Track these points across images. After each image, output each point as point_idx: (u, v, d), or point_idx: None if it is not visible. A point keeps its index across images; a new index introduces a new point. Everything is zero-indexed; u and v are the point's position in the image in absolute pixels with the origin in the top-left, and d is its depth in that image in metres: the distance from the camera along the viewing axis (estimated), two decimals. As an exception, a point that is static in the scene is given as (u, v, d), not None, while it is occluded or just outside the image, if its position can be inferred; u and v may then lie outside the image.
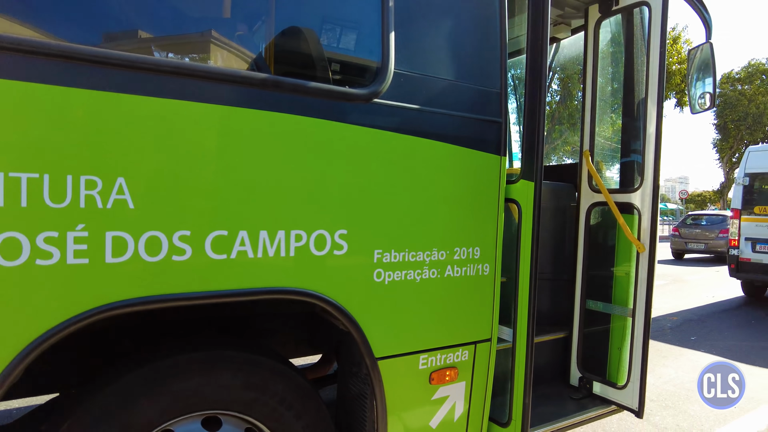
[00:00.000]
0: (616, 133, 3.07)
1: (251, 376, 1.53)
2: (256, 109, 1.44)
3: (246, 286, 1.43)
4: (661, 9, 2.45)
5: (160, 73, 1.31)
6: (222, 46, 1.91)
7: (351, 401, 1.93)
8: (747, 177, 8.31)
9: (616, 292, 2.80)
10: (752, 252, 8.06)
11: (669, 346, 5.70)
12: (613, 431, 3.46)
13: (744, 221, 8.21)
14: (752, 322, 7.13)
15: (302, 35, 1.78)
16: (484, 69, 1.93)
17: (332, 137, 1.57)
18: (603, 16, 2.84)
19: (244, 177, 1.42)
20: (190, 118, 1.34)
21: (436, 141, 1.79)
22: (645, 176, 2.56)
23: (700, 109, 2.85)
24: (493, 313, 2.00)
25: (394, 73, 1.68)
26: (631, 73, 2.85)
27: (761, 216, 8.04)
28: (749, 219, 8.16)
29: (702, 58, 2.75)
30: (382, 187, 1.68)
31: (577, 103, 4.86)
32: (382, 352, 1.70)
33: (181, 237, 1.32)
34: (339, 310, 1.59)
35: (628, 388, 2.62)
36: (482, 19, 1.93)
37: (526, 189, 2.05)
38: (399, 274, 1.72)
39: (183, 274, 1.33)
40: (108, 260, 1.23)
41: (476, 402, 2.00)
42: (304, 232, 1.53)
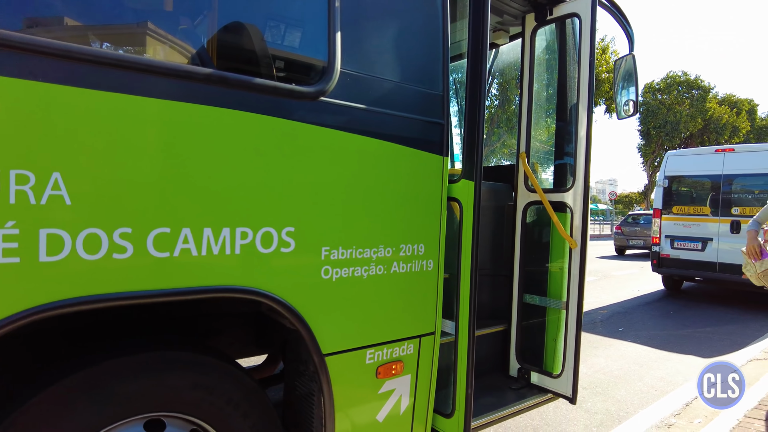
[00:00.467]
0: (551, 137, 3.25)
1: (198, 377, 1.50)
2: (200, 104, 1.41)
3: (190, 284, 1.40)
4: (590, 20, 2.62)
5: (98, 65, 1.26)
6: (160, 39, 1.86)
7: (298, 400, 1.93)
8: (666, 179, 8.99)
9: (550, 286, 2.96)
10: (671, 248, 8.73)
11: (599, 337, 6.07)
12: (550, 418, 3.65)
13: (664, 220, 8.88)
14: (671, 313, 7.72)
15: (249, 31, 1.77)
16: (427, 72, 2.00)
17: (278, 134, 1.57)
18: (539, 25, 3.00)
19: (187, 173, 1.39)
20: (132, 112, 1.30)
21: (381, 140, 1.83)
22: (577, 177, 2.73)
23: (625, 115, 3.07)
24: (437, 307, 2.06)
25: (341, 73, 1.70)
26: (564, 79, 3.03)
27: (679, 215, 8.73)
28: (669, 218, 8.84)
29: (626, 68, 2.96)
30: (329, 185, 1.69)
31: (514, 107, 5.08)
32: (329, 348, 1.71)
33: (122, 234, 1.28)
34: (286, 308, 1.59)
35: (562, 377, 2.77)
36: (426, 24, 1.99)
37: (467, 188, 2.13)
38: (346, 270, 1.74)
39: (124, 272, 1.29)
40: (42, 259, 1.17)
41: (421, 394, 2.06)
42: (250, 230, 1.52)
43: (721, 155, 8.38)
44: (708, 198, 8.45)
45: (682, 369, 4.89)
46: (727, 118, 35.22)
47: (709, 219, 8.31)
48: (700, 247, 8.33)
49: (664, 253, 8.81)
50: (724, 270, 8.02)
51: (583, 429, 3.50)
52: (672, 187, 9.00)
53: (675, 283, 9.61)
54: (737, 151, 8.33)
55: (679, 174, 8.94)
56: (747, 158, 8.12)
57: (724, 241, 8.06)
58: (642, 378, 4.62)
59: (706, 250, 8.26)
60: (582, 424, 3.57)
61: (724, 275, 8.03)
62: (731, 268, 7.84)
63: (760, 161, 7.90)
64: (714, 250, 8.16)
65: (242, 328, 2.28)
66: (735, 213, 8.03)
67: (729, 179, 8.20)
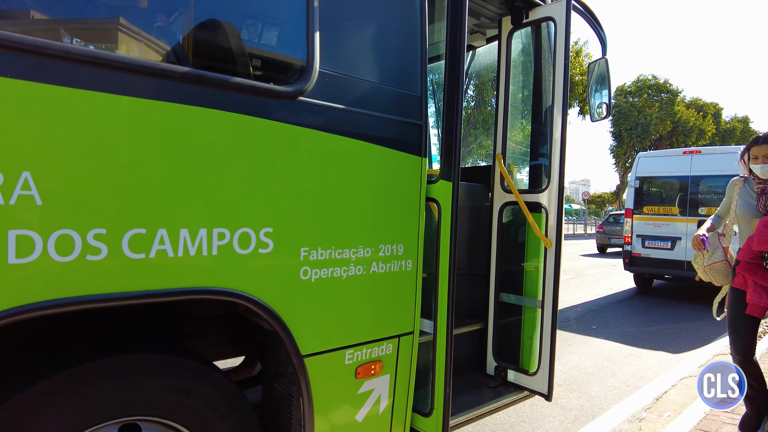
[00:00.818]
0: (526, 138, 3.30)
1: (174, 380, 1.47)
2: (177, 103, 1.39)
3: (166, 286, 1.38)
4: (565, 24, 2.67)
5: (69, 61, 1.22)
6: (133, 35, 1.82)
7: (277, 401, 1.92)
8: (638, 180, 9.23)
9: (526, 285, 3.01)
10: (642, 247, 8.97)
11: (573, 335, 6.19)
12: (526, 415, 3.71)
13: (636, 220, 9.11)
14: (642, 310, 7.93)
15: (227, 29, 1.75)
16: (405, 73, 2.01)
17: (257, 134, 1.56)
18: (515, 28, 3.04)
19: (164, 173, 1.37)
20: (106, 110, 1.27)
21: (360, 141, 1.83)
22: (551, 178, 2.78)
23: (599, 117, 3.14)
24: (415, 306, 2.07)
25: (320, 73, 1.70)
26: (540, 82, 3.08)
27: (650, 215, 8.97)
28: (640, 218, 9.07)
29: (599, 71, 3.03)
30: (308, 185, 1.69)
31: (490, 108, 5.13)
32: (308, 349, 1.71)
33: (96, 235, 1.25)
34: (265, 309, 1.58)
35: (538, 374, 2.82)
36: (404, 25, 2.00)
37: (445, 189, 2.14)
38: (326, 271, 1.74)
39: (98, 274, 1.26)
40: (12, 261, 1.14)
41: (400, 394, 2.07)
42: (228, 231, 1.50)
43: (689, 157, 8.65)
44: (677, 198, 8.71)
45: (652, 365, 5.03)
46: (694, 121, 36.37)
47: (678, 219, 8.56)
48: (670, 246, 8.58)
49: (635, 252, 9.04)
50: (692, 268, 8.22)
51: (558, 425, 3.56)
52: (643, 187, 9.24)
53: (646, 281, 9.86)
54: (704, 153, 8.61)
55: (649, 175, 9.20)
56: (712, 160, 8.40)
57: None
58: (615, 374, 4.73)
59: (675, 249, 8.51)
60: (557, 421, 3.63)
61: (692, 273, 8.24)
62: None
63: (724, 163, 8.15)
64: (683, 249, 8.40)
65: (219, 329, 2.25)
66: (702, 213, 8.29)
67: (696, 180, 8.48)
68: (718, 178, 8.24)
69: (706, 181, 8.43)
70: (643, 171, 9.19)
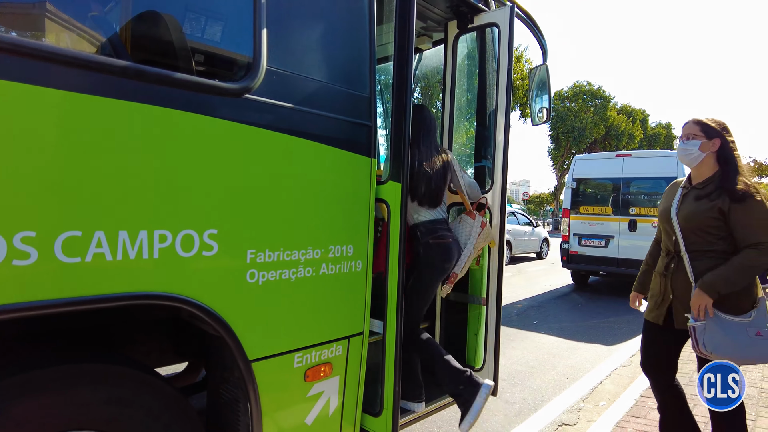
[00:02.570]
0: (471, 140, 3.38)
1: (112, 390, 1.39)
2: (115, 98, 1.32)
3: (104, 291, 1.30)
4: (508, 31, 2.76)
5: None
6: (63, 23, 1.71)
7: (223, 407, 1.86)
8: (574, 181, 9.70)
9: (471, 283, 3.09)
10: (579, 246, 9.43)
11: (516, 330, 6.41)
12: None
13: (573, 219, 9.57)
14: (579, 305, 8.34)
15: (168, 22, 1.67)
16: (354, 73, 2.00)
17: (200, 132, 1.50)
18: (460, 32, 3.11)
19: (100, 172, 1.29)
20: (36, 104, 1.19)
21: (309, 141, 1.80)
22: (495, 179, 2.86)
23: (539, 121, 3.27)
24: (365, 307, 2.07)
25: (267, 70, 1.66)
26: (484, 85, 3.16)
27: (585, 215, 9.45)
28: (577, 218, 9.54)
29: (539, 77, 3.15)
30: (254, 186, 1.65)
31: (436, 111, 5.22)
32: (256, 354, 1.66)
33: (24, 239, 1.16)
34: (209, 314, 1.52)
35: (484, 370, 2.90)
36: (353, 26, 2.00)
37: (394, 189, 2.16)
38: (273, 273, 1.70)
39: (27, 280, 1.17)
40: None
41: (350, 395, 2.06)
42: (169, 232, 1.44)
43: (621, 160, 9.21)
44: (610, 199, 9.24)
45: (589, 357, 5.30)
46: (625, 125, 38.68)
47: (611, 218, 9.09)
48: (604, 244, 9.09)
49: (572, 250, 9.49)
50: (623, 265, 8.84)
51: (503, 418, 3.68)
52: (579, 188, 9.72)
53: (582, 277, 10.39)
54: (634, 157, 9.21)
55: (585, 176, 9.69)
56: (642, 163, 9.00)
57: (624, 238, 8.88)
58: (555, 367, 4.94)
59: (608, 247, 9.03)
60: (502, 414, 3.75)
61: (623, 269, 8.85)
62: (629, 262, 8.68)
63: (651, 166, 8.81)
64: (615, 247, 8.94)
65: (161, 335, 2.15)
66: (632, 213, 8.86)
67: (627, 182, 9.03)
68: (646, 180, 8.86)
69: (636, 183, 9.01)
70: (580, 173, 9.67)
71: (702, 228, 2.27)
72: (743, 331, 2.19)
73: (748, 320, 2.20)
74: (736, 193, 2.17)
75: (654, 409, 3.61)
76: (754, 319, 2.20)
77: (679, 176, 8.49)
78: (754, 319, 2.20)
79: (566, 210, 9.72)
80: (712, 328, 2.22)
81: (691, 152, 2.32)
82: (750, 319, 2.20)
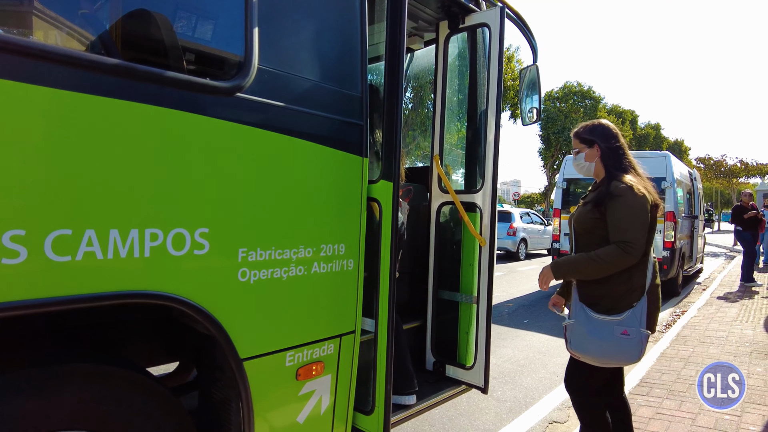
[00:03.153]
0: (462, 140, 3.40)
1: (103, 389, 1.39)
2: (106, 96, 1.31)
3: (94, 290, 1.29)
4: (499, 31, 2.78)
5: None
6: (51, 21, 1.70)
7: (215, 407, 1.86)
8: (565, 182, 9.78)
9: (463, 282, 3.10)
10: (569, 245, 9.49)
11: (507, 329, 6.45)
12: (463, 408, 3.82)
13: (563, 219, 9.64)
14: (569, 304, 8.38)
15: (159, 21, 1.67)
16: (346, 72, 2.01)
17: (192, 130, 1.50)
18: (451, 33, 3.12)
19: (90, 170, 1.29)
20: (24, 102, 1.18)
21: (301, 140, 1.81)
22: (485, 179, 2.88)
23: (530, 122, 3.29)
24: (357, 306, 2.08)
25: (258, 69, 1.66)
26: (475, 85, 3.18)
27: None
28: (567, 217, 9.60)
29: (530, 77, 3.17)
30: (246, 184, 1.65)
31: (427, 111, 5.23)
32: (247, 352, 1.66)
33: (13, 237, 1.15)
34: (201, 312, 1.52)
35: (475, 368, 2.92)
36: (345, 25, 2.00)
37: (386, 189, 2.16)
38: (265, 272, 1.70)
39: (16, 279, 1.16)
40: None
41: (341, 394, 2.06)
42: (161, 231, 1.43)
43: None
44: (599, 199, 9.31)
45: (578, 355, 5.34)
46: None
47: (601, 218, 9.16)
48: (593, 243, 9.15)
49: (563, 250, 9.56)
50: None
51: (494, 417, 3.70)
52: (570, 188, 9.80)
53: (572, 276, 10.44)
54: None
55: (575, 177, 9.76)
56: None
57: (613, 237, 8.92)
58: (545, 365, 4.98)
59: (598, 246, 9.09)
60: (493, 412, 3.78)
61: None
62: None
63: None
64: (605, 246, 9.00)
65: (152, 335, 2.14)
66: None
67: (617, 182, 9.11)
68: None
69: (625, 183, 9.09)
70: (570, 173, 9.74)
71: (587, 229, 2.28)
72: (610, 330, 2.15)
73: (617, 319, 2.15)
74: (611, 193, 2.17)
75: (642, 406, 3.66)
76: (625, 319, 2.15)
77: (668, 177, 8.67)
78: (625, 319, 2.15)
79: (557, 210, 9.79)
80: (578, 328, 2.22)
81: (581, 165, 2.39)
82: (620, 318, 2.15)
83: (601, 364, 2.24)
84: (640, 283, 2.19)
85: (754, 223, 9.88)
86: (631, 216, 2.12)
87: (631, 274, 2.18)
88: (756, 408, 3.59)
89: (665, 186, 8.60)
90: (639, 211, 2.13)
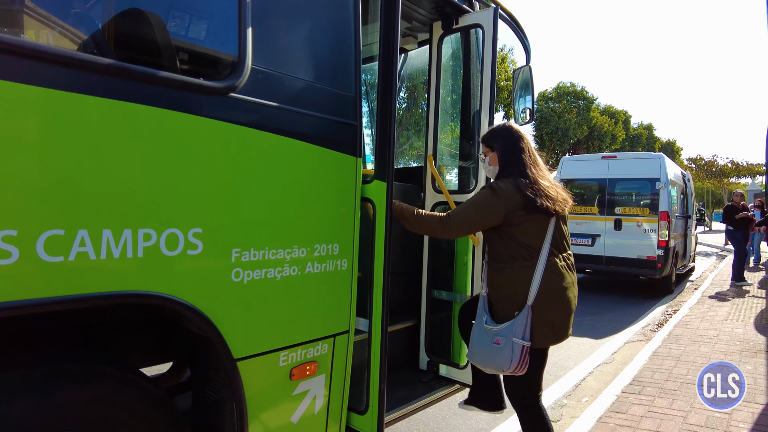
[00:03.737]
0: (455, 140, 3.41)
1: (96, 390, 1.38)
2: (99, 96, 1.31)
3: (87, 291, 1.29)
4: (492, 32, 2.79)
5: None
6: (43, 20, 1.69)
7: (209, 407, 1.85)
8: (562, 182, 9.83)
9: (456, 281, 3.12)
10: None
11: (501, 329, 6.46)
12: (457, 407, 3.82)
13: (558, 219, 9.70)
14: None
15: (152, 20, 1.66)
16: (340, 72, 2.01)
17: (185, 130, 1.50)
18: (445, 33, 3.13)
19: (83, 170, 1.29)
20: (17, 102, 1.17)
21: (294, 140, 1.81)
22: (479, 179, 2.89)
23: (523, 122, 3.30)
24: (351, 305, 2.08)
25: (252, 69, 1.66)
26: (468, 86, 3.19)
27: (573, 214, 9.59)
28: (561, 217, 9.68)
29: (523, 78, 3.19)
30: (240, 184, 1.65)
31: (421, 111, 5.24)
32: (241, 352, 1.67)
33: (4, 238, 1.15)
34: (195, 313, 1.52)
35: (468, 367, 2.93)
36: (339, 25, 2.01)
37: (380, 189, 2.17)
38: (259, 272, 1.70)
39: (8, 280, 1.16)
40: None
41: (335, 393, 2.07)
42: (154, 231, 1.43)
43: (607, 161, 9.49)
44: (596, 199, 9.47)
45: (572, 354, 5.37)
46: (608, 126, 39.17)
47: (597, 218, 9.32)
48: (590, 242, 9.29)
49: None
50: (609, 262, 9.11)
51: (487, 415, 3.71)
52: (566, 188, 9.86)
53: (571, 276, 10.54)
54: (619, 158, 9.52)
55: (572, 177, 9.87)
56: (626, 165, 9.31)
57: (609, 236, 9.12)
58: (538, 364, 4.99)
59: (595, 245, 9.24)
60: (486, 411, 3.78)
61: (609, 267, 9.11)
62: (615, 260, 8.98)
63: (635, 168, 9.14)
64: (601, 245, 9.18)
65: (145, 335, 2.14)
66: (618, 212, 9.11)
67: (613, 182, 9.29)
68: (631, 180, 9.16)
69: (621, 184, 9.27)
70: (567, 173, 9.84)
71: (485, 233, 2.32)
72: (489, 338, 2.16)
73: (496, 328, 2.14)
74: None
75: (634, 405, 3.69)
76: (503, 329, 2.12)
77: (662, 177, 8.77)
78: (503, 329, 2.12)
79: (553, 210, 9.84)
80: (471, 338, 2.27)
81: (489, 168, 2.41)
82: (498, 328, 2.14)
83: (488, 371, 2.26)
84: (522, 294, 2.13)
85: (745, 223, 10.01)
86: (470, 205, 2.23)
87: (516, 286, 2.15)
88: (746, 405, 3.62)
89: (659, 186, 8.72)
90: (479, 205, 2.20)
